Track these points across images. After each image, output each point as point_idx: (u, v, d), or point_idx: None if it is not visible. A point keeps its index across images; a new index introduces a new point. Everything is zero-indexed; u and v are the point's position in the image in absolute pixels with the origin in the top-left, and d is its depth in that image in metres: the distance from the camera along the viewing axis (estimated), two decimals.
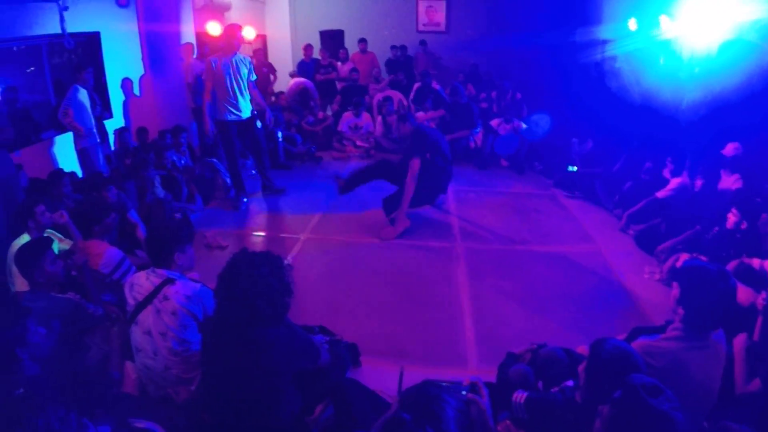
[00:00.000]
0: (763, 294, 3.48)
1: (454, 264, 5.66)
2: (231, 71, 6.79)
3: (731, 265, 4.37)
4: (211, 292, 3.11)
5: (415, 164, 6.15)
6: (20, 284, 3.98)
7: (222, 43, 7.09)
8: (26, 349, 2.83)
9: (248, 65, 7.03)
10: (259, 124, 7.18)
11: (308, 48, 12.28)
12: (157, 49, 9.05)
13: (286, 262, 2.76)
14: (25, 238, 4.18)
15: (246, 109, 7.09)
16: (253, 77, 7.12)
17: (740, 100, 6.74)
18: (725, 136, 6.37)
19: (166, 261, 3.25)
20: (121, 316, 3.76)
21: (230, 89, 6.84)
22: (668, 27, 8.94)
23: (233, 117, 7.00)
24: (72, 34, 7.12)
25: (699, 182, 5.86)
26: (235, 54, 6.85)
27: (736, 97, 6.82)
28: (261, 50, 12.11)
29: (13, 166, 5.33)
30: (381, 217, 6.55)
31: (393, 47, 12.83)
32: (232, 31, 7.00)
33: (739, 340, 3.34)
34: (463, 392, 2.48)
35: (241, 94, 6.96)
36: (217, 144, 8.28)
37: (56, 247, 4.02)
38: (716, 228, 5.05)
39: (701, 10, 8.07)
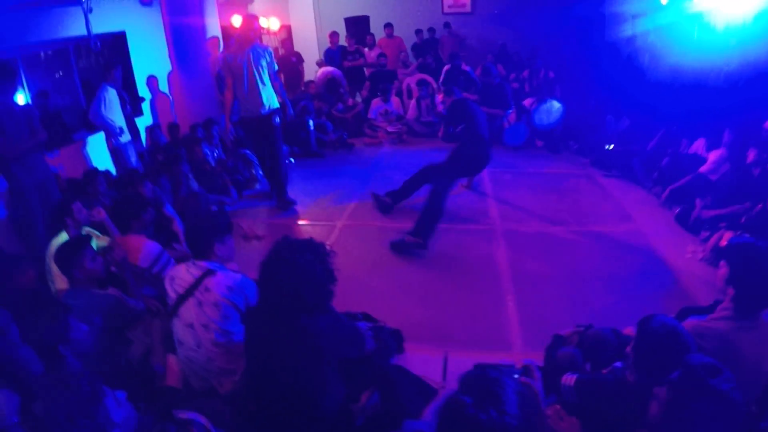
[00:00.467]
0: None
1: (494, 246, 5.58)
2: (247, 65, 6.34)
3: None
4: (252, 282, 3.08)
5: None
6: (60, 282, 4.00)
7: (239, 36, 6.64)
8: (69, 346, 2.82)
9: (268, 56, 6.52)
10: (277, 120, 6.78)
11: (334, 35, 12.19)
12: (183, 45, 9.06)
13: (328, 248, 2.70)
14: (63, 236, 4.21)
15: (268, 102, 6.56)
16: (275, 67, 6.63)
17: None
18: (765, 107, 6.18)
19: (206, 252, 3.21)
20: (162, 310, 3.74)
21: (247, 84, 6.40)
22: (700, 0, 8.73)
23: (249, 114, 6.61)
24: (98, 35, 7.16)
25: (752, 154, 5.64)
26: (253, 46, 6.41)
27: None
28: (287, 40, 12.06)
29: (49, 169, 5.41)
30: (417, 202, 6.46)
31: (418, 31, 12.72)
32: (249, 23, 6.65)
33: None
34: (516, 375, 2.40)
35: (263, 85, 6.48)
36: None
37: (94, 244, 4.02)
38: (761, 205, 4.87)
39: None
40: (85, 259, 3.56)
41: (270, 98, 6.53)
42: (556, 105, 8.87)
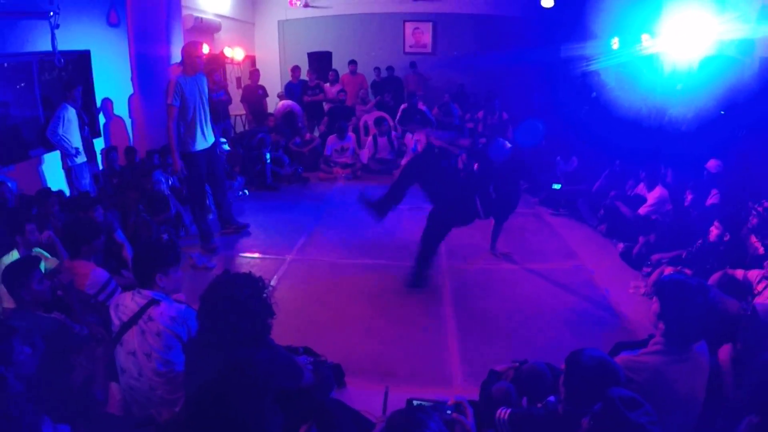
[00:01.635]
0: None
1: (439, 283, 5.71)
2: (198, 92, 6.32)
3: (715, 277, 4.45)
4: (195, 313, 3.15)
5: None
6: (7, 302, 3.98)
7: (183, 62, 6.38)
8: (11, 367, 2.83)
9: (205, 83, 6.52)
10: (226, 146, 6.66)
11: (296, 69, 12.34)
12: (147, 69, 9.10)
13: (269, 282, 2.79)
14: (14, 254, 4.20)
15: (210, 135, 6.59)
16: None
17: (720, 114, 6.87)
18: (708, 150, 6.47)
19: (149, 282, 3.25)
20: (106, 337, 3.75)
21: (198, 112, 6.35)
22: (650, 44, 9.12)
23: (201, 146, 6.47)
24: (62, 52, 7.16)
25: (689, 197, 5.93)
26: (197, 74, 6.35)
27: (717, 111, 6.95)
28: (255, 72, 12.14)
29: None
30: (367, 237, 6.62)
31: (377, 69, 12.95)
32: (193, 49, 6.38)
33: (725, 350, 3.33)
34: (448, 411, 2.51)
35: (206, 117, 6.47)
36: None
37: (42, 266, 4.01)
38: (699, 241, 5.12)
39: (682, 28, 8.27)
40: (33, 281, 3.56)
41: (210, 132, 6.57)
42: (506, 144, 9.10)
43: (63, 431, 2.19)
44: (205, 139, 6.51)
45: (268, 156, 9.30)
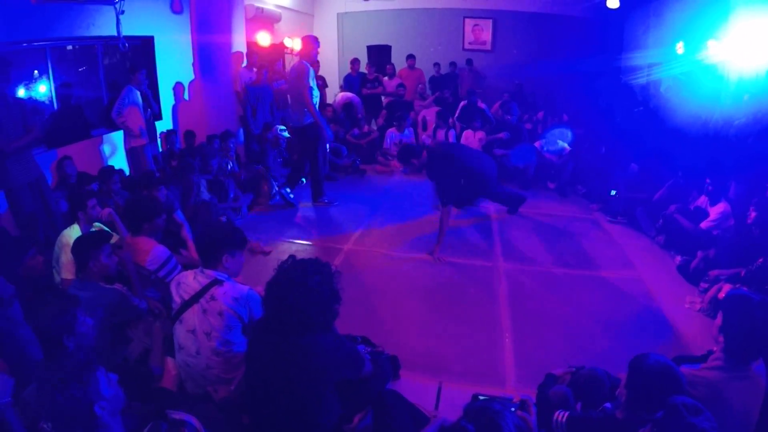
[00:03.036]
0: None
1: (495, 284, 5.60)
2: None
3: None
4: (258, 296, 3.12)
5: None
6: (66, 272, 4.07)
7: (304, 52, 7.55)
8: (72, 337, 2.85)
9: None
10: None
11: (355, 62, 12.31)
12: (208, 56, 9.20)
13: (333, 269, 2.75)
14: (75, 229, 4.27)
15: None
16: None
17: None
18: None
19: (214, 263, 3.26)
20: (164, 312, 3.78)
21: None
22: (716, 51, 8.82)
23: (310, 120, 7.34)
24: (127, 37, 7.28)
25: (753, 214, 5.69)
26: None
27: None
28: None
29: (39, 168, 5.38)
30: (425, 232, 6.55)
31: (436, 64, 12.86)
32: (314, 41, 7.47)
33: None
34: (512, 409, 2.44)
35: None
36: (264, 151, 8.39)
37: None
38: (761, 260, 4.90)
39: (749, 35, 7.97)
40: (102, 254, 3.63)
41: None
42: (567, 132, 8.98)
43: (114, 380, 2.19)
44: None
45: (327, 146, 9.29)
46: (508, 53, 13.90)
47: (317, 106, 7.40)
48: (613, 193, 7.98)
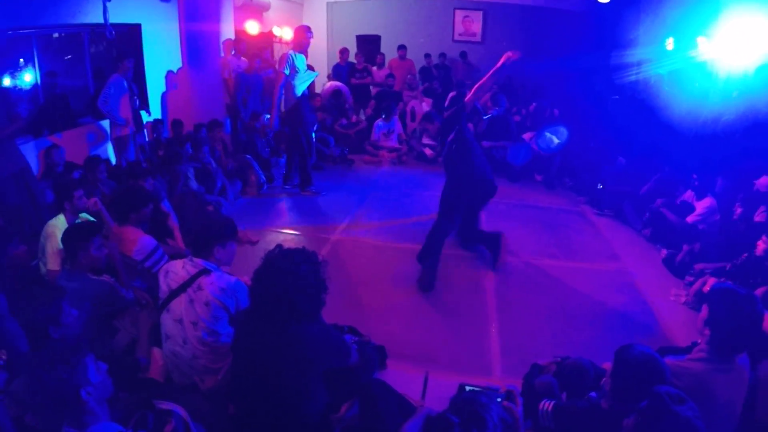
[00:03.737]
0: None
1: (482, 274, 5.63)
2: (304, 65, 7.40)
3: (759, 292, 4.29)
4: (245, 286, 3.13)
5: None
6: (52, 263, 4.04)
7: (294, 40, 7.67)
8: (58, 328, 2.85)
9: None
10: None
11: (344, 51, 12.26)
12: (196, 45, 9.12)
13: (321, 258, 2.75)
14: (60, 219, 4.24)
15: None
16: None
17: None
18: (763, 161, 6.25)
19: (205, 252, 3.27)
20: (150, 303, 3.77)
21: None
22: (705, 48, 8.87)
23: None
24: (114, 25, 7.21)
25: (738, 210, 5.75)
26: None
27: None
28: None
29: (24, 159, 5.31)
30: (412, 222, 6.57)
31: (427, 55, 12.82)
32: (305, 30, 7.48)
33: (765, 367, 3.26)
34: (498, 399, 2.47)
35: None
36: (252, 140, 8.38)
37: None
38: (746, 254, 4.96)
39: (739, 33, 8.02)
40: (92, 246, 3.61)
41: None
42: (562, 130, 9.00)
43: (102, 368, 2.20)
44: None
45: (313, 135, 9.26)
46: (498, 45, 13.81)
47: (303, 94, 7.48)
48: (599, 186, 8.03)
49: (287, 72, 7.24)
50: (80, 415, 2.09)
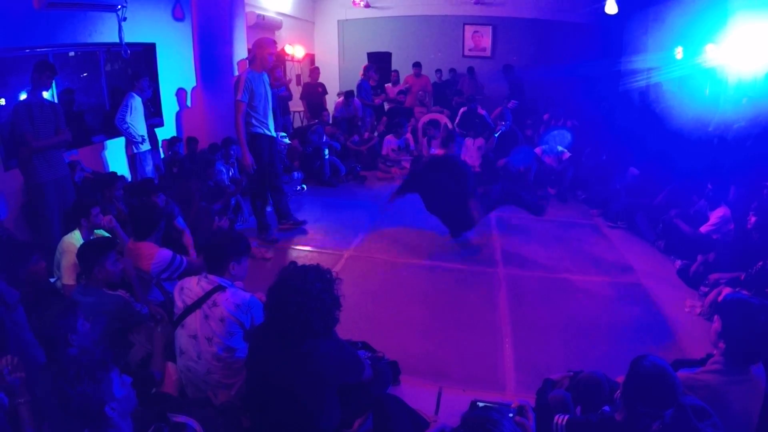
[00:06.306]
0: None
1: (495, 289, 5.60)
2: (264, 88, 6.41)
3: None
4: (259, 302, 3.14)
5: None
6: (67, 278, 4.09)
7: (253, 58, 6.60)
8: (77, 337, 2.88)
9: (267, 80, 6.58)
10: (286, 140, 6.84)
11: (368, 68, 12.22)
12: (210, 63, 9.22)
13: (334, 275, 2.77)
14: (76, 234, 4.29)
15: (273, 130, 6.68)
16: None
17: None
18: None
19: (220, 269, 3.30)
20: (165, 317, 3.80)
21: (266, 107, 6.46)
22: (715, 55, 8.86)
23: (266, 133, 6.53)
24: (129, 44, 7.31)
25: (752, 219, 5.71)
26: (264, 71, 6.48)
27: None
28: (316, 69, 12.17)
29: (66, 167, 5.61)
30: (425, 239, 6.63)
31: (438, 71, 12.90)
32: (265, 45, 6.40)
33: None
34: (510, 414, 2.45)
35: (271, 112, 6.61)
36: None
37: None
38: (760, 263, 4.92)
39: (748, 39, 8.01)
40: (108, 261, 3.66)
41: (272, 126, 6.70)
42: (566, 135, 9.03)
43: (127, 382, 2.21)
44: (269, 130, 6.59)
45: (326, 152, 9.32)
46: (508, 59, 13.93)
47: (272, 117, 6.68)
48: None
49: (246, 99, 6.21)
50: (103, 429, 2.10)
